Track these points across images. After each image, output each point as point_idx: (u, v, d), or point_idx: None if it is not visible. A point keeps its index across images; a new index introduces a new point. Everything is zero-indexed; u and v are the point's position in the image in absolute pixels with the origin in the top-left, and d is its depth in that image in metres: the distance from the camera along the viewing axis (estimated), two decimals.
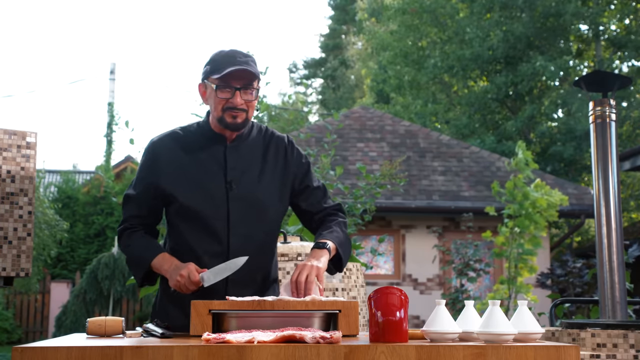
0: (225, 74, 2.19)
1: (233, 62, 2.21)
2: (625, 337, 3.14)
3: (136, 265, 2.29)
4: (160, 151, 2.30)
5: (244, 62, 2.23)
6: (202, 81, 2.30)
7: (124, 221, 2.34)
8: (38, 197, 8.98)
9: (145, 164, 2.32)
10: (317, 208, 2.41)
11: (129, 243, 2.31)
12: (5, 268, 2.57)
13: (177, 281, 2.15)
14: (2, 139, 2.60)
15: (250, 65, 2.23)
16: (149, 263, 2.24)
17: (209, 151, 2.29)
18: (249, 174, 2.29)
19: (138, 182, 2.33)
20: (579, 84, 3.88)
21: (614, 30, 20.54)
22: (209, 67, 2.27)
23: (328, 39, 32.71)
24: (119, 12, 61.71)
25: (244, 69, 2.19)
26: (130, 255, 2.31)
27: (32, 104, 64.68)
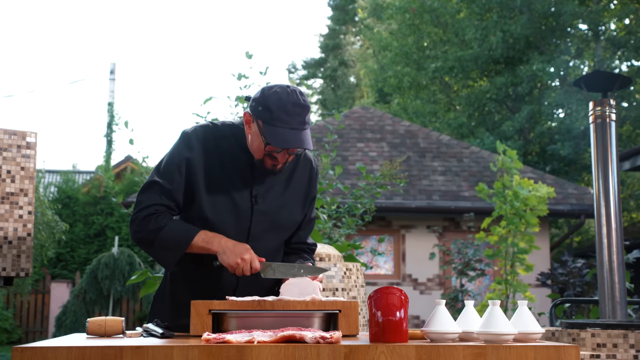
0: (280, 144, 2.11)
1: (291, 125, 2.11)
2: (625, 337, 3.14)
3: (172, 247, 2.19)
4: (195, 146, 2.24)
5: (301, 127, 2.12)
6: (251, 114, 2.18)
7: (147, 207, 2.21)
8: (38, 197, 8.98)
9: (181, 152, 2.23)
10: (299, 238, 2.43)
11: (161, 225, 2.18)
12: (5, 268, 2.57)
13: (237, 262, 2.12)
14: (2, 139, 2.60)
15: (306, 135, 2.13)
16: (190, 241, 2.17)
17: (238, 161, 2.26)
18: (274, 191, 2.29)
19: (168, 170, 2.23)
20: (579, 84, 3.89)
21: (614, 30, 20.55)
22: (263, 112, 2.13)
23: (328, 39, 32.71)
24: (119, 12, 61.73)
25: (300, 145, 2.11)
26: (165, 236, 2.18)
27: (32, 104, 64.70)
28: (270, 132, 2.11)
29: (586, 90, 3.83)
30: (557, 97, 19.02)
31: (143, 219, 2.20)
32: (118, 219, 14.84)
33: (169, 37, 62.76)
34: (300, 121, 2.12)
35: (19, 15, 60.04)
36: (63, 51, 63.50)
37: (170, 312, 2.32)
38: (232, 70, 34.36)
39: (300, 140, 2.11)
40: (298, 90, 2.16)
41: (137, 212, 2.22)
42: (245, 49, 24.36)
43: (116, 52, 60.55)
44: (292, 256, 2.41)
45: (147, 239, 2.20)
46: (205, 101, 5.74)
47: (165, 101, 62.43)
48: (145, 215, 2.20)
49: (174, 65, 60.99)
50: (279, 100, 2.11)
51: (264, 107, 2.13)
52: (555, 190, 7.87)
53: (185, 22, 61.49)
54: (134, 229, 2.22)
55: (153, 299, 2.43)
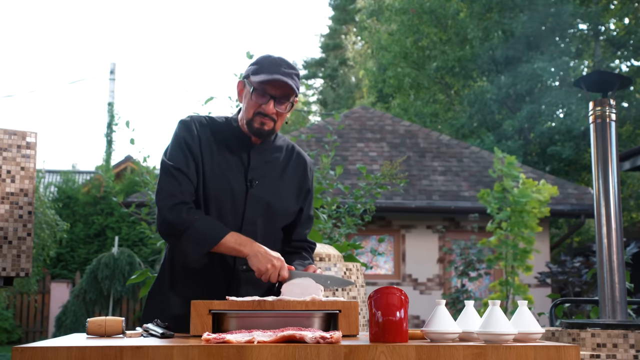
0: (265, 80, 2.22)
1: (277, 70, 2.23)
2: (625, 337, 3.14)
3: (202, 241, 2.19)
4: (194, 131, 2.30)
5: (287, 73, 2.24)
6: (243, 79, 2.32)
7: (172, 195, 2.21)
8: (38, 197, 8.98)
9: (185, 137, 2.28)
10: (299, 236, 2.46)
11: (193, 217, 2.19)
12: (5, 268, 2.57)
13: (267, 268, 2.14)
14: (2, 139, 2.60)
15: (292, 78, 2.24)
16: (220, 240, 2.18)
17: (234, 147, 2.33)
18: (269, 178, 2.34)
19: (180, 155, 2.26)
20: (579, 84, 3.88)
21: (614, 30, 20.55)
22: (252, 67, 2.28)
23: (328, 39, 32.72)
24: (119, 12, 61.73)
25: (284, 81, 2.21)
26: (196, 230, 2.18)
27: (32, 104, 64.70)
28: (256, 77, 2.24)
29: (586, 90, 3.83)
30: (557, 97, 19.02)
31: (173, 207, 2.20)
32: (118, 219, 14.84)
33: (169, 37, 62.77)
34: (287, 69, 2.25)
35: (19, 15, 60.04)
36: (63, 51, 63.52)
37: (168, 303, 2.32)
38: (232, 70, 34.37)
39: (282, 77, 2.22)
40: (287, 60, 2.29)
41: (163, 199, 2.22)
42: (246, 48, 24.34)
43: (116, 52, 60.57)
44: (293, 255, 2.42)
45: (177, 229, 2.19)
46: (207, 101, 5.74)
47: (165, 101, 62.43)
48: (174, 203, 2.20)
49: (174, 65, 61.00)
50: (266, 57, 2.28)
51: (252, 64, 2.29)
52: (557, 188, 7.85)
53: (186, 22, 61.50)
54: (163, 215, 2.21)
55: (149, 292, 2.42)
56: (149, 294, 2.42)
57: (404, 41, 21.32)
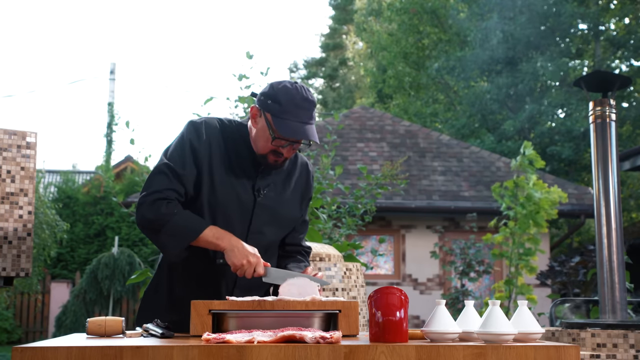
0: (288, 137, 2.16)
1: (299, 118, 2.15)
2: (625, 337, 3.14)
3: (181, 235, 2.16)
4: (203, 135, 2.25)
5: (309, 121, 2.18)
6: (259, 108, 2.21)
7: (157, 191, 2.18)
8: (38, 197, 8.98)
9: (191, 139, 2.24)
10: (294, 240, 2.46)
11: (172, 211, 2.16)
12: (5, 268, 2.57)
13: (242, 263, 2.12)
14: (2, 139, 2.60)
15: (313, 127, 2.19)
16: (199, 234, 2.15)
17: (243, 155, 2.29)
18: (275, 187, 2.33)
19: (180, 155, 2.22)
20: (579, 84, 3.89)
21: (614, 30, 20.55)
22: (274, 105, 2.17)
23: (328, 39, 32.72)
24: (119, 12, 61.72)
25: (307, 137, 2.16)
26: (175, 224, 2.15)
27: (32, 104, 64.69)
28: (279, 124, 2.15)
29: (586, 90, 3.83)
30: (557, 97, 19.02)
31: (153, 202, 2.17)
32: (118, 219, 14.84)
33: (169, 37, 62.77)
34: (309, 116, 2.18)
35: (19, 15, 60.04)
36: (63, 51, 63.52)
37: (165, 305, 2.32)
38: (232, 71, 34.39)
39: (309, 133, 2.16)
40: (305, 87, 2.21)
41: (146, 195, 2.19)
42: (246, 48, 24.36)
43: (116, 52, 60.56)
44: (287, 259, 2.42)
45: (155, 224, 2.17)
46: (206, 101, 5.74)
47: (165, 101, 62.44)
48: (155, 198, 2.17)
49: (174, 65, 61.00)
50: (288, 94, 2.16)
51: (273, 100, 2.17)
52: (566, 196, 7.83)
53: (186, 22, 61.50)
54: (142, 211, 2.18)
55: (145, 292, 2.41)
56: (144, 297, 2.41)
57: (404, 41, 21.32)
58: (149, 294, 2.40)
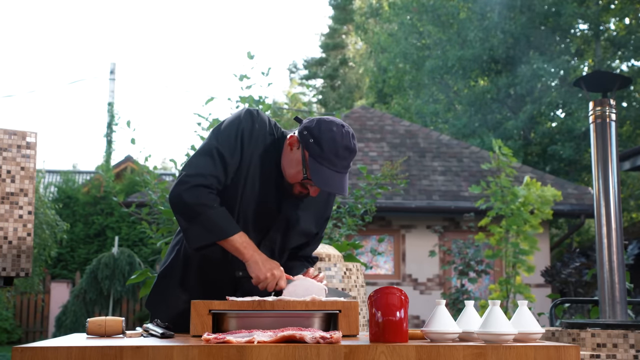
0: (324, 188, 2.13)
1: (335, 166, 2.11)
2: (625, 337, 3.14)
3: (211, 231, 2.11)
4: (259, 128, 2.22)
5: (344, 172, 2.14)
6: (299, 141, 2.16)
7: (201, 175, 2.11)
8: (38, 197, 8.98)
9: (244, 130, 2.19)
10: (305, 253, 2.45)
11: (212, 204, 2.11)
12: (5, 268, 2.57)
13: (266, 277, 2.10)
14: (2, 139, 2.60)
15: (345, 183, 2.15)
16: (229, 236, 2.11)
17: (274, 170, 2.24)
18: (297, 202, 2.30)
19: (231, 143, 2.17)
20: (579, 84, 3.89)
21: (614, 30, 20.56)
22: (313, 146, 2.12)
23: (328, 39, 32.72)
24: (119, 12, 61.72)
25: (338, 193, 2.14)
26: (208, 217, 2.10)
27: (32, 104, 64.68)
28: (314, 168, 2.11)
29: (586, 90, 3.84)
30: (557, 97, 19.03)
31: (195, 187, 2.11)
32: (118, 219, 14.84)
33: (169, 37, 62.77)
34: (345, 165, 2.13)
35: (19, 15, 60.03)
36: (63, 51, 63.51)
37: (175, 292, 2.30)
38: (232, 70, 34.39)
39: (340, 186, 2.13)
40: (352, 133, 2.15)
41: (190, 176, 2.12)
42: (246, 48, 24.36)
43: (116, 52, 60.55)
44: (294, 262, 2.42)
45: (192, 210, 2.11)
46: (207, 102, 5.74)
47: (166, 101, 62.43)
48: (198, 183, 2.11)
49: (174, 65, 61.00)
50: (333, 141, 2.10)
51: (315, 141, 2.11)
52: (561, 194, 7.83)
53: (186, 22, 61.50)
54: (181, 192, 2.11)
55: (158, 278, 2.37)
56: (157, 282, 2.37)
57: (403, 41, 21.32)
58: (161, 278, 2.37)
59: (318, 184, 2.11)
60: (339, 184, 2.12)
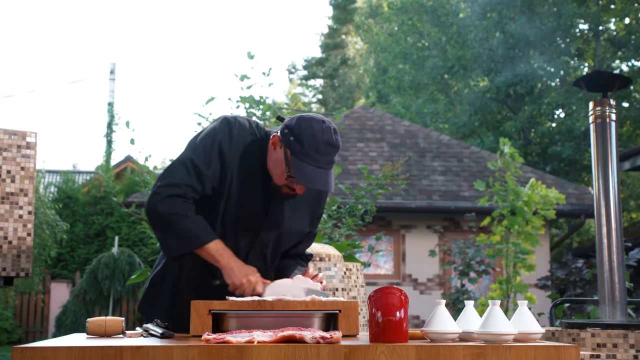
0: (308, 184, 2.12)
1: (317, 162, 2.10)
2: (625, 337, 3.14)
3: (186, 240, 2.12)
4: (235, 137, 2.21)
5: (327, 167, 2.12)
6: (281, 140, 2.16)
7: (175, 185, 2.12)
8: (38, 197, 8.98)
9: (222, 139, 2.19)
10: (298, 251, 2.45)
11: (184, 212, 2.11)
12: (5, 268, 2.57)
13: (242, 282, 2.09)
14: (2, 139, 2.60)
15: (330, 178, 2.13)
16: (204, 244, 2.11)
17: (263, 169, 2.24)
18: (286, 203, 2.29)
19: (207, 153, 2.17)
20: (579, 84, 3.89)
21: (614, 30, 20.55)
22: (294, 144, 2.11)
23: (328, 39, 32.72)
24: (119, 12, 61.71)
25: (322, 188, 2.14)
26: (183, 226, 2.11)
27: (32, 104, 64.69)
28: (297, 165, 2.11)
29: (586, 90, 3.83)
30: (557, 97, 19.03)
31: (169, 197, 2.12)
32: (118, 219, 14.83)
33: (169, 37, 62.76)
34: (328, 160, 2.12)
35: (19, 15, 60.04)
36: (63, 51, 63.50)
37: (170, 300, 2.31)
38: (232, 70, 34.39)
39: (324, 182, 2.11)
40: (333, 128, 2.14)
41: (163, 186, 2.14)
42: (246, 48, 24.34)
43: (116, 52, 60.55)
44: (288, 260, 2.41)
45: (166, 220, 2.12)
46: (208, 102, 5.74)
47: (165, 101, 62.44)
48: (172, 193, 2.12)
49: (174, 65, 61.00)
50: (313, 137, 2.10)
51: (296, 138, 2.11)
52: (564, 197, 7.83)
53: (186, 22, 61.50)
54: (155, 202, 2.12)
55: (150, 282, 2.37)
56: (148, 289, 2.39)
57: (403, 41, 21.32)
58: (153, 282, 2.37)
59: (301, 180, 2.10)
60: (323, 179, 2.11)
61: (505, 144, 7.77)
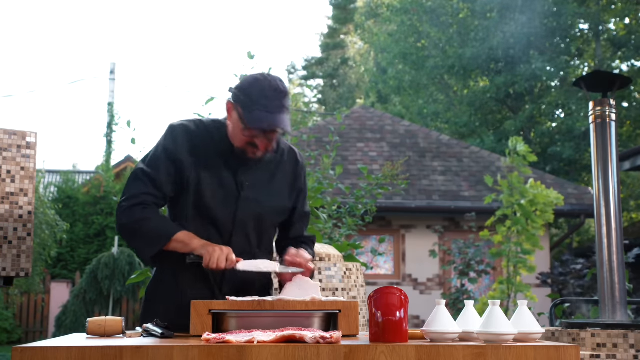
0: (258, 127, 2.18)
1: (268, 108, 2.17)
2: (625, 337, 3.14)
3: (154, 239, 2.21)
4: (183, 136, 2.29)
5: (278, 111, 2.18)
6: (233, 103, 2.25)
7: (134, 196, 2.24)
8: (38, 197, 8.98)
9: (167, 145, 2.28)
10: (296, 232, 2.46)
11: (146, 216, 2.21)
12: (5, 268, 2.57)
13: (214, 250, 2.14)
14: (2, 139, 2.60)
15: (283, 117, 2.19)
16: (172, 236, 2.19)
17: (224, 152, 2.30)
18: (260, 180, 2.33)
19: (155, 161, 2.27)
20: (579, 84, 3.89)
21: (614, 30, 20.55)
22: (243, 99, 2.21)
23: (328, 39, 32.71)
24: (119, 12, 61.71)
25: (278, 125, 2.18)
26: (148, 228, 2.21)
27: (32, 104, 64.68)
28: (249, 116, 2.18)
29: (586, 90, 3.83)
30: (557, 97, 19.03)
31: (130, 208, 2.23)
32: None
33: (169, 37, 62.76)
34: (278, 105, 2.18)
35: (19, 15, 60.04)
36: (63, 51, 63.50)
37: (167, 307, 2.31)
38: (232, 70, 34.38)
39: (276, 122, 2.17)
40: (278, 78, 2.23)
41: (123, 201, 2.25)
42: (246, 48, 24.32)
43: (116, 52, 60.55)
44: (290, 247, 2.41)
45: (130, 228, 2.23)
46: (207, 102, 5.74)
47: (165, 101, 62.43)
48: (132, 204, 2.23)
49: (174, 65, 60.99)
50: (258, 86, 2.19)
51: (243, 93, 2.21)
52: (563, 198, 7.82)
53: (186, 22, 61.49)
54: (119, 216, 2.25)
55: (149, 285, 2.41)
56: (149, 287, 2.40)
57: (403, 41, 21.31)
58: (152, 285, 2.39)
59: (253, 124, 2.17)
60: (275, 121, 2.16)
61: (518, 142, 7.72)
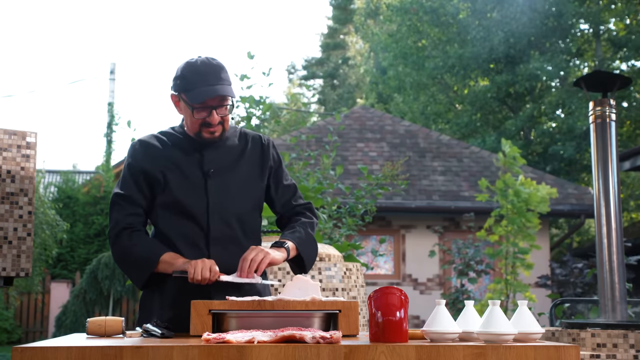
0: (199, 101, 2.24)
1: (206, 82, 2.24)
2: (625, 337, 3.14)
3: (143, 265, 2.25)
4: (143, 149, 2.36)
5: (218, 82, 2.25)
6: (174, 91, 2.33)
7: (118, 223, 2.30)
8: (38, 197, 8.98)
9: (130, 163, 2.35)
10: (286, 206, 2.48)
11: (133, 242, 2.27)
12: (5, 268, 2.57)
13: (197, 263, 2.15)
14: (2, 139, 2.60)
15: (223, 86, 2.26)
16: (158, 259, 2.23)
17: (187, 149, 2.36)
18: (226, 166, 2.36)
19: (125, 182, 2.34)
20: (579, 84, 3.89)
21: (614, 30, 20.55)
22: (180, 83, 2.29)
23: (328, 39, 32.71)
24: (119, 12, 61.70)
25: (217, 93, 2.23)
26: (136, 254, 2.26)
27: (32, 104, 64.67)
28: (190, 95, 2.24)
29: (586, 90, 3.84)
30: (557, 97, 19.02)
31: (117, 236, 2.30)
32: None
33: (169, 37, 62.76)
34: (215, 77, 2.25)
35: (19, 15, 60.04)
36: (63, 51, 63.49)
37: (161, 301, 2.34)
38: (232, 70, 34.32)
39: (218, 90, 2.23)
40: (210, 57, 2.30)
41: (110, 231, 2.33)
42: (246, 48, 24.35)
43: (116, 52, 60.54)
44: (291, 222, 2.45)
45: (120, 259, 2.31)
46: None
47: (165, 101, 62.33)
48: (117, 231, 2.30)
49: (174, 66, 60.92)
50: (191, 66, 2.27)
51: (180, 78, 2.29)
52: (556, 190, 7.85)
53: (186, 22, 61.50)
54: (111, 248, 2.34)
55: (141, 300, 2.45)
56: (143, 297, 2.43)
57: (403, 41, 21.30)
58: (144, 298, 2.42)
59: (197, 100, 2.22)
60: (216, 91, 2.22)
61: (506, 145, 7.79)
